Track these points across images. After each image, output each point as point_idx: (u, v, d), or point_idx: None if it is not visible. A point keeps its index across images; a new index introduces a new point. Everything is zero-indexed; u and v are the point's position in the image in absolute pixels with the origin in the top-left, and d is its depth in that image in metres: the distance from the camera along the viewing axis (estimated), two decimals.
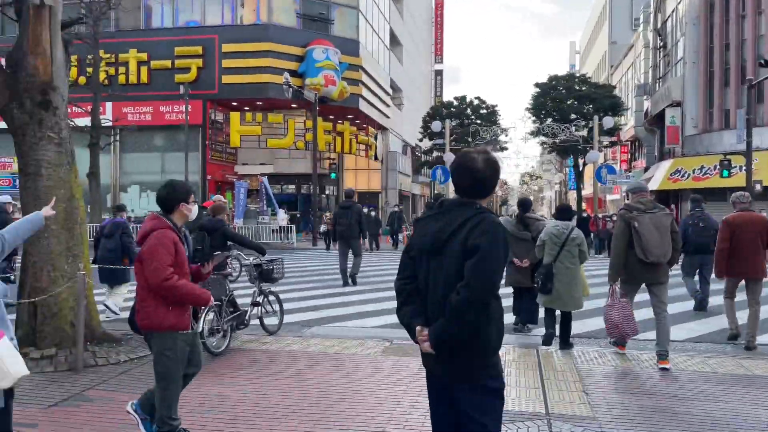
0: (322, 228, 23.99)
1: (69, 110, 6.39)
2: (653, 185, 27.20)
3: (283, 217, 24.05)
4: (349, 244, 12.04)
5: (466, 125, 36.34)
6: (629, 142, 39.47)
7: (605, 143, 32.85)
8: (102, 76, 29.21)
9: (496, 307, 2.61)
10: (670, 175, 26.95)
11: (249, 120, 29.16)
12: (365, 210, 19.73)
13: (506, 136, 35.96)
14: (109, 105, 29.52)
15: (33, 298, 6.05)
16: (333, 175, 25.35)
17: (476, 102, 36.68)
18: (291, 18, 29.82)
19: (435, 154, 38.40)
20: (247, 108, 30.31)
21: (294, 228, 25.20)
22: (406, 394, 5.02)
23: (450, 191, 33.44)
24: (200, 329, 5.62)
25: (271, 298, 7.59)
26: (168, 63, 29.00)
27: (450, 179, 2.79)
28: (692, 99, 28.32)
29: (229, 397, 4.94)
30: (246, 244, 7.62)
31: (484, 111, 36.04)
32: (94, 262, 8.41)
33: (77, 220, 6.46)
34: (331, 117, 31.68)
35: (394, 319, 5.75)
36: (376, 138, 35.37)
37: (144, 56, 29.39)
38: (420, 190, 50.04)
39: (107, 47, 29.07)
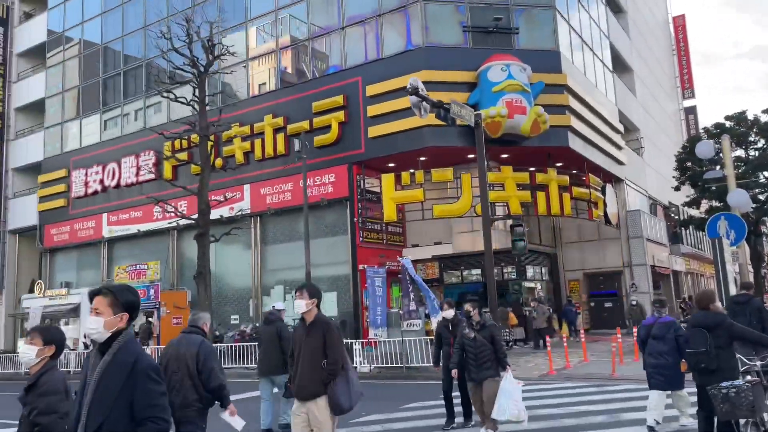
0: None
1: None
2: None
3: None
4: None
5: (752, 159, 23.12)
6: None
7: None
8: (238, 154, 23.92)
9: None
10: None
11: (406, 182, 20.62)
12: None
13: None
14: (247, 188, 23.89)
15: None
16: (520, 245, 14.97)
17: (765, 119, 23.34)
18: (455, 34, 21.32)
19: (705, 205, 25.31)
20: (412, 171, 21.82)
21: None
22: None
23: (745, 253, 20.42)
24: None
25: None
26: (305, 125, 22.36)
27: (744, 237, 0.81)
28: None
29: None
30: (763, 343, 6.11)
31: None
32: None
33: None
34: (531, 169, 21.56)
35: None
36: (603, 192, 24.05)
37: (280, 121, 23.26)
38: (684, 265, 35.54)
39: (242, 118, 23.87)
